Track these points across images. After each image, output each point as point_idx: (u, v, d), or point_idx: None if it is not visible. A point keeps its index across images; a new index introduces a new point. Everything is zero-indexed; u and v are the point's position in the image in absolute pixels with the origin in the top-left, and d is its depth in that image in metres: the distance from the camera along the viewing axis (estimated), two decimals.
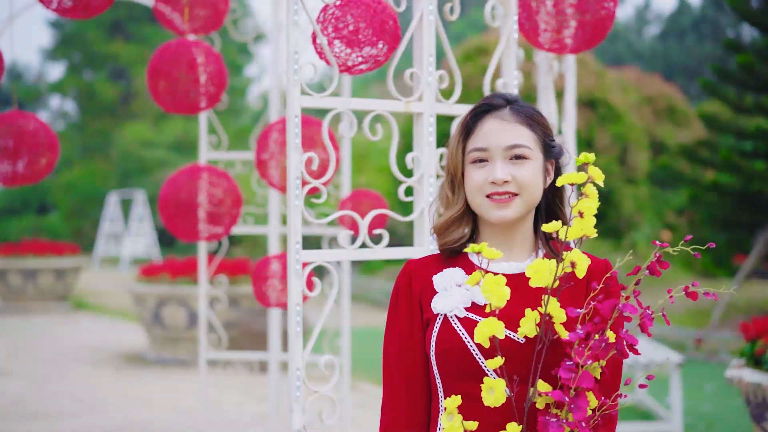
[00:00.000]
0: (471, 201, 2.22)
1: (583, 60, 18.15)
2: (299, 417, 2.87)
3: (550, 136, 2.24)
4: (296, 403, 2.88)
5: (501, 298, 1.96)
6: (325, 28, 3.05)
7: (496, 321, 1.95)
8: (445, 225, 2.25)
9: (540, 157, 2.20)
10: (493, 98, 2.26)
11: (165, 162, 25.16)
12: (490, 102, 2.25)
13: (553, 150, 2.24)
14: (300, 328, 2.88)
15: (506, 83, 3.41)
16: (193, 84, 4.12)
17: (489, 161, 2.19)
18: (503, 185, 2.16)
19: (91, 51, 30.98)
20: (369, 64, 3.12)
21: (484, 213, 2.20)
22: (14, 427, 7.52)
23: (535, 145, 2.19)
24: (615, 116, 17.67)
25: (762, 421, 4.94)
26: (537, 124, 2.21)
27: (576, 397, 1.90)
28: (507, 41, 3.42)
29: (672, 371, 7.40)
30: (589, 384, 1.90)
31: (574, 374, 1.90)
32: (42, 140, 4.43)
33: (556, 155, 2.25)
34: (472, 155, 2.20)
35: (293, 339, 2.86)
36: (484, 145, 2.19)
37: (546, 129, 2.24)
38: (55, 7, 3.86)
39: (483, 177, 2.18)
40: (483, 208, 2.19)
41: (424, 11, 3.11)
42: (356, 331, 12.69)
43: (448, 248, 2.26)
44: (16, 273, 15.89)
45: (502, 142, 2.18)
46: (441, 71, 3.15)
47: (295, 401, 2.87)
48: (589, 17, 3.61)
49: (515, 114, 2.21)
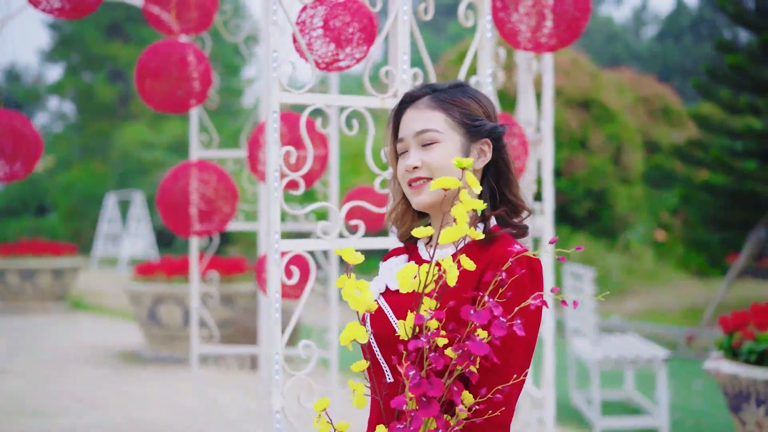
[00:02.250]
0: (404, 191, 2.27)
1: (578, 61, 18.28)
2: (278, 399, 3.00)
3: (474, 117, 2.21)
4: (275, 387, 3.00)
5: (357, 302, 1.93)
6: (303, 29, 3.17)
7: (358, 326, 1.93)
8: (393, 217, 2.31)
9: (457, 138, 2.19)
10: (418, 89, 2.29)
11: (163, 163, 25.27)
12: (411, 93, 2.28)
13: (479, 130, 2.21)
14: (279, 315, 3.00)
15: (480, 81, 3.53)
16: (180, 83, 4.24)
17: (408, 151, 2.23)
18: (414, 171, 2.19)
19: (89, 52, 31.10)
20: (347, 62, 3.25)
21: (410, 201, 2.25)
22: (12, 425, 7.61)
23: (447, 127, 2.19)
24: (609, 116, 17.79)
25: (739, 412, 5.05)
26: (455, 107, 2.21)
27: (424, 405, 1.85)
28: (480, 40, 3.54)
29: (658, 367, 7.51)
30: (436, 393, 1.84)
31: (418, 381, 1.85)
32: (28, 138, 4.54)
33: (487, 135, 2.22)
34: (397, 147, 2.26)
35: (272, 325, 2.99)
36: (401, 135, 2.25)
37: (468, 110, 2.22)
38: (43, 8, 3.97)
39: (402, 166, 2.23)
40: (408, 197, 2.24)
41: (399, 11, 3.23)
42: None
43: (405, 238, 2.32)
44: (15, 273, 15.99)
45: (412, 130, 2.22)
46: (415, 69, 3.27)
47: (274, 385, 3.00)
48: (568, 15, 3.72)
49: (431, 101, 2.23)
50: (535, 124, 5.00)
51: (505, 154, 2.23)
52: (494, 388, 1.92)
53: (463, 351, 1.84)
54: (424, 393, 1.83)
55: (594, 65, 19.42)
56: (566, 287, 8.75)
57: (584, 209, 17.55)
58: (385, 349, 2.12)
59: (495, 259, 2.06)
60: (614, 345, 7.97)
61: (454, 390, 1.87)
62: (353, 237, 3.18)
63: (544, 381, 4.90)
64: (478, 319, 1.84)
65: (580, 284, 8.20)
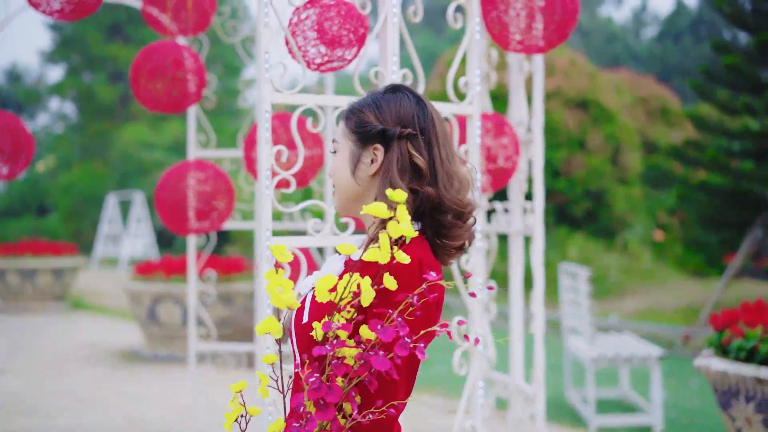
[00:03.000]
0: None
1: (576, 61, 18.34)
2: (268, 392, 3.07)
3: (363, 123, 2.26)
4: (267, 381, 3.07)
5: (278, 299, 1.97)
6: (295, 31, 3.24)
7: (273, 320, 1.97)
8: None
9: (348, 145, 2.27)
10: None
11: (163, 163, 25.34)
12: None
13: (366, 135, 2.25)
14: (270, 311, 3.07)
15: (469, 82, 3.60)
16: (174, 84, 4.31)
17: None
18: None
19: (89, 53, 31.18)
20: (338, 63, 3.32)
21: None
22: (11, 424, 7.67)
23: (342, 136, 2.29)
24: (607, 117, 17.85)
25: (728, 408, 5.11)
26: (353, 116, 2.28)
27: (321, 409, 1.90)
28: (469, 41, 3.60)
29: (653, 365, 7.58)
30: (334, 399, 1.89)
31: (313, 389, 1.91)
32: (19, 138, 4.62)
33: (378, 140, 2.25)
34: None
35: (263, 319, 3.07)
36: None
37: (361, 118, 2.26)
38: (43, 9, 4.04)
39: None
40: None
41: (388, 14, 3.30)
42: None
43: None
44: (15, 273, 16.06)
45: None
46: (404, 70, 3.34)
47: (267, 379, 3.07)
48: (557, 17, 3.79)
49: (345, 111, 2.33)
50: (526, 124, 5.07)
51: (393, 156, 2.22)
52: (390, 403, 1.97)
53: (365, 362, 1.89)
54: (323, 398, 1.89)
55: (593, 66, 19.48)
56: (562, 286, 8.81)
57: (582, 209, 17.61)
58: (299, 339, 2.17)
59: (399, 269, 2.05)
60: (609, 344, 8.03)
61: (351, 395, 1.93)
62: (344, 234, 3.25)
63: (534, 378, 4.97)
64: (384, 336, 1.88)
65: (576, 283, 8.27)
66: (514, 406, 5.17)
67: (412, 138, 2.22)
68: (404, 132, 2.21)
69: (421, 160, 2.21)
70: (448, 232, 2.21)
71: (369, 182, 2.23)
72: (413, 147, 2.22)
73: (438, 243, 2.23)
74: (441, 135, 2.27)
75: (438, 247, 2.23)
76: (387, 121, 2.24)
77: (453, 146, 2.32)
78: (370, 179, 2.23)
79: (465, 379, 3.69)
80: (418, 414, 8.07)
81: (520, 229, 5.09)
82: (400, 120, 2.23)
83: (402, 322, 1.90)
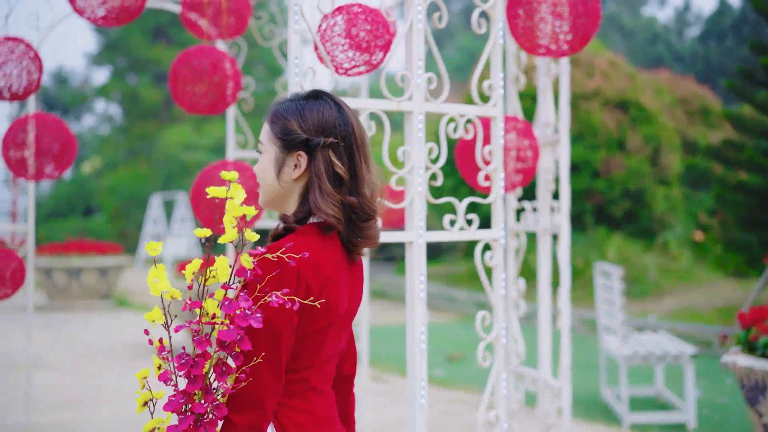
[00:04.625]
0: None
1: (615, 62, 18.35)
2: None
3: (287, 131, 2.38)
4: None
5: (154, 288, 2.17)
6: (324, 37, 3.41)
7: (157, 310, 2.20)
8: None
9: (273, 150, 2.40)
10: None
11: (206, 164, 25.62)
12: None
13: (291, 143, 2.38)
14: None
15: (493, 84, 3.74)
16: (211, 86, 4.48)
17: None
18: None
19: (134, 56, 31.58)
20: (365, 67, 3.48)
21: None
22: (53, 415, 7.91)
23: (268, 140, 2.43)
24: (647, 117, 17.84)
25: (756, 404, 5.19)
26: (278, 121, 2.41)
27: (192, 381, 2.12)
28: (493, 45, 3.74)
29: (686, 363, 7.66)
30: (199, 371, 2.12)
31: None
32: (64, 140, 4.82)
33: (301, 147, 2.37)
34: None
35: None
36: None
37: (286, 125, 2.39)
38: (88, 16, 4.23)
39: None
40: None
41: (413, 20, 3.45)
42: (392, 327, 13.05)
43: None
44: (62, 271, 16.39)
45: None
46: (429, 73, 3.49)
47: None
48: (581, 21, 3.91)
49: (269, 114, 2.47)
50: (553, 125, 5.19)
51: (320, 165, 2.36)
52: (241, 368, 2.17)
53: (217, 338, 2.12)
54: (190, 372, 2.10)
55: (632, 66, 19.45)
56: (597, 285, 8.90)
57: (622, 210, 17.62)
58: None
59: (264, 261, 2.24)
60: (643, 342, 8.12)
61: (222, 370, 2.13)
62: None
63: (561, 372, 5.10)
64: (227, 310, 2.11)
65: (610, 282, 8.35)
66: (542, 400, 5.29)
67: (334, 147, 2.37)
68: (327, 142, 2.35)
69: (342, 169, 2.36)
70: (361, 232, 2.39)
71: (292, 184, 2.39)
72: (335, 155, 2.36)
73: (352, 240, 2.40)
74: (360, 142, 2.42)
75: (351, 243, 2.40)
76: (310, 129, 2.37)
77: (369, 152, 2.47)
78: (293, 182, 2.38)
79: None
80: (452, 410, 8.21)
81: (547, 227, 5.22)
82: (322, 128, 2.37)
83: (245, 295, 2.12)
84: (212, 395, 2.13)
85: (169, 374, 2.15)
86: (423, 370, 3.45)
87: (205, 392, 2.13)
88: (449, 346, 11.88)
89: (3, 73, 4.64)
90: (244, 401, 2.19)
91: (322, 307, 2.29)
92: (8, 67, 4.65)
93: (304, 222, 2.37)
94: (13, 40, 4.72)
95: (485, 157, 3.76)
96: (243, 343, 2.11)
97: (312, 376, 2.35)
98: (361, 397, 6.60)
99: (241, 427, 2.18)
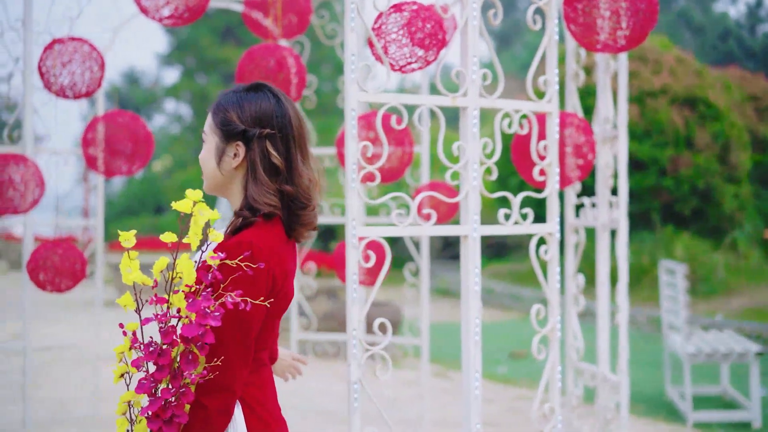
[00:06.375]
0: None
1: (683, 59, 18.15)
2: (356, 370, 3.31)
3: (227, 122, 2.49)
4: (353, 359, 3.32)
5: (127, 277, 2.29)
6: (379, 34, 3.49)
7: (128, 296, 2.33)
8: None
9: (214, 139, 2.52)
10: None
11: None
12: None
13: (229, 133, 2.49)
14: (356, 294, 3.31)
15: (548, 80, 3.78)
16: (276, 84, 4.59)
17: None
18: None
19: (204, 56, 32.02)
20: (419, 64, 3.55)
21: None
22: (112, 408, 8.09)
23: (209, 129, 2.54)
24: (715, 114, 17.61)
25: None
26: (219, 111, 2.52)
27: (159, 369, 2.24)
28: (548, 42, 3.79)
29: (751, 361, 7.60)
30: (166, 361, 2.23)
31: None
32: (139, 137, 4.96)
33: (239, 138, 2.48)
34: None
35: (350, 303, 3.31)
36: None
37: (225, 116, 2.50)
38: (152, 15, 4.36)
39: None
40: None
41: (468, 17, 3.51)
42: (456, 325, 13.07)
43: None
44: None
45: None
46: (484, 69, 3.54)
47: (352, 357, 3.31)
48: (639, 16, 3.93)
49: (213, 104, 2.57)
50: (612, 121, 5.21)
51: (255, 156, 2.48)
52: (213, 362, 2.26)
53: (180, 334, 2.23)
54: (157, 361, 2.23)
55: (700, 63, 19.22)
56: (662, 283, 8.85)
57: (689, 207, 17.42)
58: None
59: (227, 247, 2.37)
60: (707, 339, 8.07)
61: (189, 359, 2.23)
62: (426, 225, 3.47)
63: (619, 368, 5.12)
64: (191, 308, 2.20)
65: (674, 280, 8.31)
66: (601, 395, 5.31)
67: (270, 137, 2.47)
68: (263, 132, 2.46)
69: (278, 159, 2.46)
70: (299, 219, 2.50)
71: (232, 173, 2.50)
72: (272, 146, 2.47)
73: (292, 227, 2.50)
74: (297, 133, 2.51)
75: (291, 229, 2.51)
76: (247, 120, 2.48)
77: (309, 145, 2.57)
78: (233, 170, 2.50)
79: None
80: (516, 407, 8.24)
81: (605, 223, 5.23)
82: (260, 119, 2.48)
83: (207, 294, 2.22)
84: (179, 380, 2.24)
85: (141, 361, 2.28)
86: (477, 362, 3.51)
87: (173, 378, 2.24)
88: (513, 343, 11.90)
89: (68, 71, 4.79)
90: (214, 386, 2.29)
91: (282, 295, 2.43)
92: (72, 66, 4.80)
93: (254, 212, 2.47)
94: (78, 40, 4.87)
95: (540, 152, 3.81)
96: (206, 336, 2.21)
97: (265, 354, 2.51)
98: (423, 393, 6.67)
99: (213, 410, 2.29)
